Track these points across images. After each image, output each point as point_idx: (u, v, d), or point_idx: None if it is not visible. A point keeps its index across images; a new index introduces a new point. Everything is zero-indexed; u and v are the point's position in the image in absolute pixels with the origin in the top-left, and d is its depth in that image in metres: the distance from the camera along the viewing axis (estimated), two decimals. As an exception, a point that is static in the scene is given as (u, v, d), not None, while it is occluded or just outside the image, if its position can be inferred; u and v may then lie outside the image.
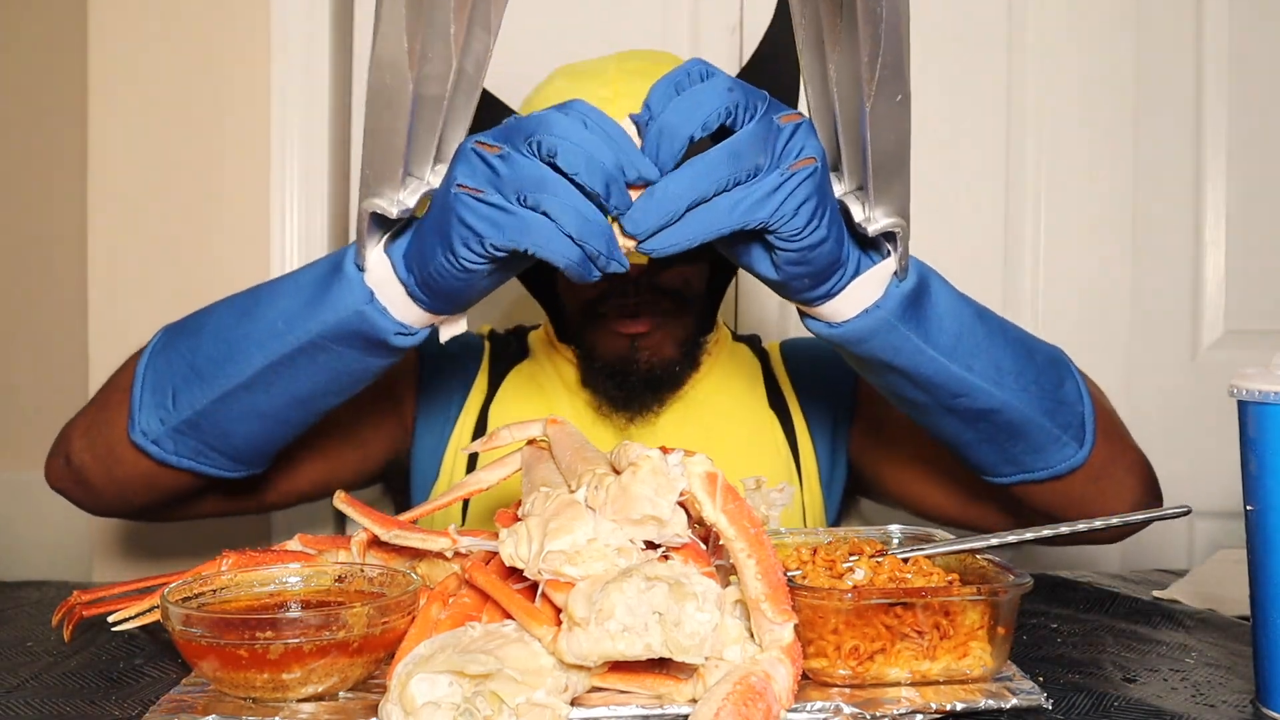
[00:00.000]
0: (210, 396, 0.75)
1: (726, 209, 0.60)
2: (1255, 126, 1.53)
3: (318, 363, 0.73)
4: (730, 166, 0.60)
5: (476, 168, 0.61)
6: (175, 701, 0.59)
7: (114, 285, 1.37)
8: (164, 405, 0.77)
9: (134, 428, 0.78)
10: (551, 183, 0.60)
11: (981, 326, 0.74)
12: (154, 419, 0.77)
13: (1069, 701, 0.61)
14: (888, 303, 0.68)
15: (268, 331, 0.73)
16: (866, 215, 0.65)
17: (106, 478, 0.83)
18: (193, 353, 0.77)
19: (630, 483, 0.56)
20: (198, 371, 0.76)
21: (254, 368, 0.73)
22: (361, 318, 0.69)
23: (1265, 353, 0.63)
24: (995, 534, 0.67)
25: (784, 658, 0.56)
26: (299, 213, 1.39)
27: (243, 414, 0.76)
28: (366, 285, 0.68)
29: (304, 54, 1.38)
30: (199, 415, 0.76)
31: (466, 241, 0.61)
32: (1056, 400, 0.78)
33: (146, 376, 0.78)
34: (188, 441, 0.78)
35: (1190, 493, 1.45)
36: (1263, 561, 0.60)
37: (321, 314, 0.70)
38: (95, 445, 0.82)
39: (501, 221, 0.60)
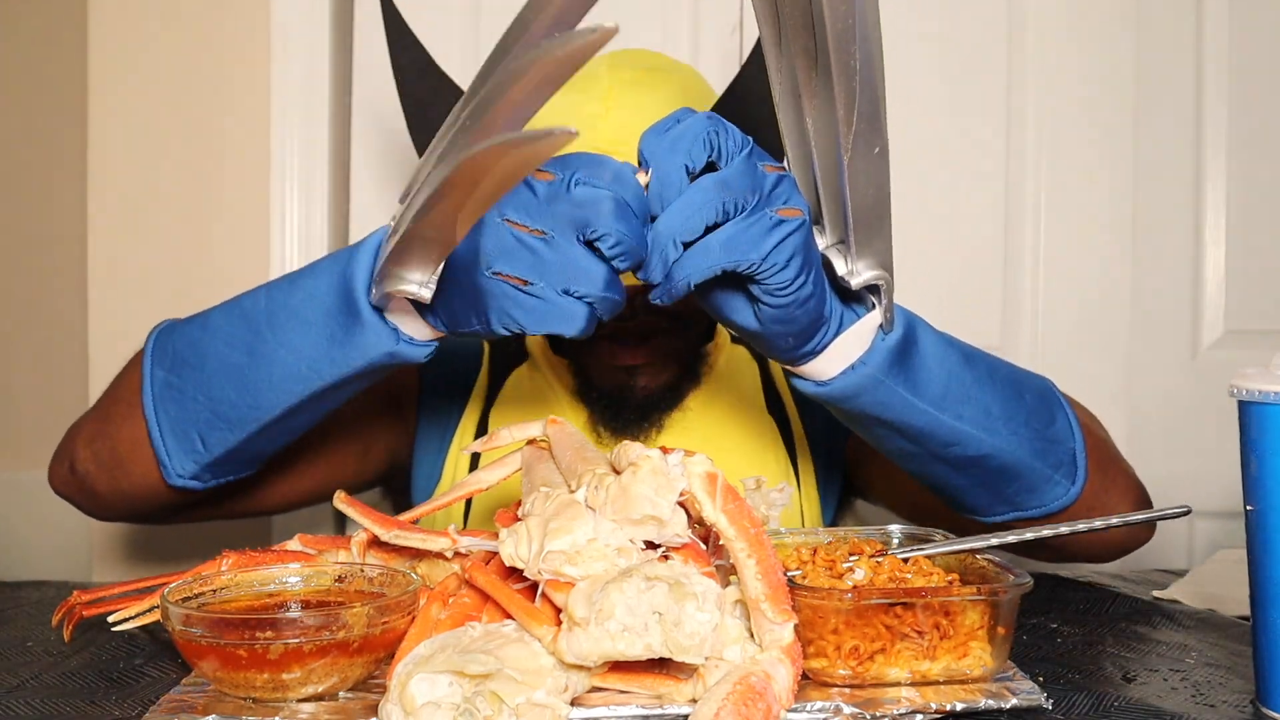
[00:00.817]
0: (241, 437, 0.75)
1: (719, 245, 0.60)
2: (1255, 126, 1.53)
3: (346, 391, 0.73)
4: (719, 194, 0.59)
5: (513, 250, 0.60)
6: (175, 701, 0.59)
7: (114, 285, 1.37)
8: (194, 449, 0.76)
9: (170, 475, 0.77)
10: (596, 275, 0.60)
11: (969, 372, 0.73)
12: (188, 462, 0.77)
13: (1069, 701, 0.61)
14: (874, 358, 0.67)
15: (289, 376, 0.71)
16: (849, 269, 0.64)
17: (111, 487, 0.82)
18: (207, 395, 0.75)
19: (630, 483, 0.56)
20: (220, 416, 0.75)
21: (279, 409, 0.73)
22: (393, 356, 0.68)
23: (1265, 353, 0.63)
24: (995, 534, 0.68)
25: (784, 658, 0.56)
26: (299, 213, 1.39)
27: (275, 435, 0.77)
28: (389, 324, 0.67)
29: (304, 54, 1.38)
30: (234, 450, 0.76)
31: (507, 326, 0.62)
32: (1047, 439, 0.77)
33: (161, 419, 0.76)
34: (222, 468, 0.78)
35: (1190, 493, 1.45)
36: (1263, 561, 0.60)
37: (350, 359, 0.69)
38: (100, 455, 0.82)
39: (543, 312, 0.61)
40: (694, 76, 0.97)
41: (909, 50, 1.47)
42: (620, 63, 0.94)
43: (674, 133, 0.61)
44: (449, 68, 0.99)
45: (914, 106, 1.46)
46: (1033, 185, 1.51)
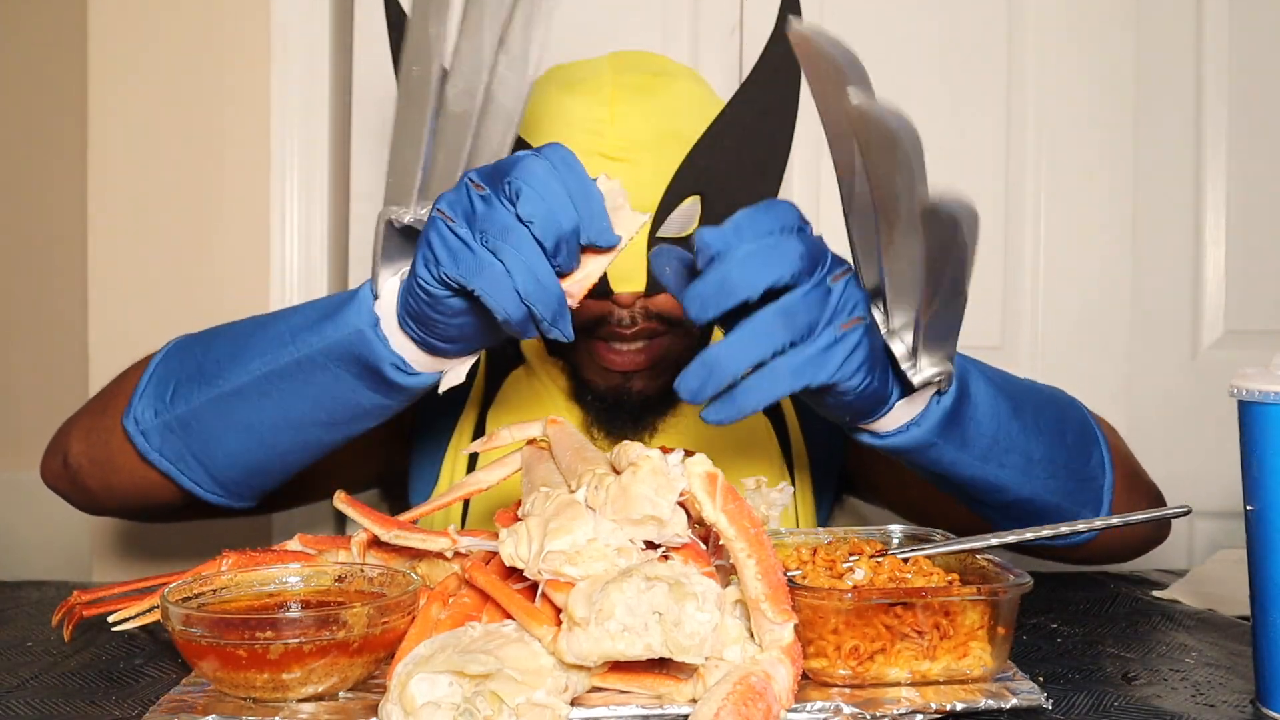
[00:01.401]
0: (205, 396, 0.74)
1: (788, 373, 0.60)
2: (1255, 126, 1.53)
3: (314, 382, 0.71)
4: (786, 329, 0.60)
5: (461, 200, 0.62)
6: (175, 701, 0.59)
7: (114, 285, 1.37)
8: (162, 398, 0.76)
9: (128, 414, 0.77)
10: (515, 234, 0.60)
11: (1016, 421, 0.74)
12: (149, 410, 0.77)
13: (1069, 701, 0.61)
14: (927, 421, 0.69)
15: (273, 340, 0.72)
16: (913, 364, 0.65)
17: (102, 482, 0.82)
18: (203, 354, 0.76)
19: (630, 483, 0.56)
20: (201, 370, 0.75)
21: (251, 374, 0.73)
22: (360, 338, 0.68)
23: (1265, 353, 0.63)
24: (995, 534, 0.68)
25: (784, 658, 0.56)
26: (299, 213, 1.39)
27: (232, 424, 0.75)
28: (374, 311, 0.68)
29: (304, 54, 1.38)
30: (191, 414, 0.75)
31: (427, 263, 0.62)
32: (1082, 479, 0.79)
33: (155, 372, 0.78)
34: (174, 442, 0.76)
35: (1190, 493, 1.45)
36: (1263, 561, 0.60)
37: (325, 330, 0.70)
38: (93, 449, 0.82)
39: (460, 255, 0.61)
40: (697, 82, 0.97)
41: (909, 50, 1.47)
42: (624, 66, 0.93)
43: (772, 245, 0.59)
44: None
45: (914, 107, 1.45)
46: (1033, 185, 1.51)
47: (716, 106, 0.94)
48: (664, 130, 0.89)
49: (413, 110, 0.63)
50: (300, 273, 1.39)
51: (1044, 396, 0.80)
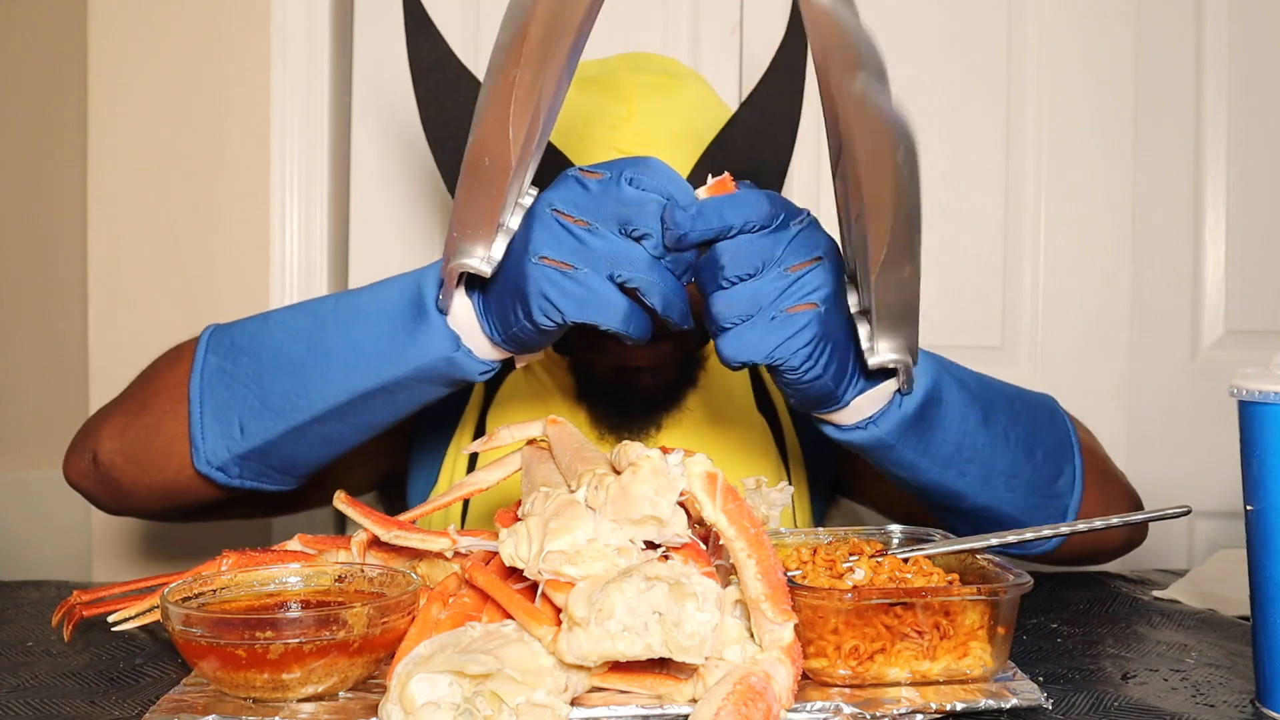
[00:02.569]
0: (282, 429, 0.75)
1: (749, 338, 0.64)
2: (1255, 126, 1.53)
3: (397, 399, 0.73)
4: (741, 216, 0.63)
5: (560, 237, 0.64)
6: (175, 701, 0.59)
7: (114, 285, 1.37)
8: (230, 435, 0.76)
9: (199, 458, 0.76)
10: (638, 257, 0.63)
11: (985, 433, 0.75)
12: (220, 448, 0.76)
13: (1069, 701, 0.61)
14: (886, 421, 0.70)
15: (345, 368, 0.72)
16: (871, 346, 0.66)
17: (137, 481, 0.81)
18: (259, 383, 0.75)
19: (630, 483, 0.56)
20: (268, 404, 0.75)
21: (330, 403, 0.73)
22: (450, 363, 0.70)
23: (1265, 353, 0.63)
24: (995, 534, 0.68)
25: (784, 658, 0.56)
26: (299, 213, 1.39)
27: (314, 442, 0.76)
28: (452, 329, 0.70)
29: (304, 54, 1.38)
30: (270, 445, 0.76)
31: (547, 313, 0.64)
32: (1046, 495, 0.80)
33: (205, 401, 0.76)
34: (254, 466, 0.77)
35: (1190, 493, 1.45)
36: (1263, 561, 0.60)
37: (408, 358, 0.71)
38: (132, 449, 0.80)
39: (584, 300, 0.63)
40: (705, 85, 0.99)
41: (909, 51, 1.47)
42: (638, 66, 0.95)
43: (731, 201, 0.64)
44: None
45: (913, 107, 1.46)
46: (1033, 185, 1.51)
47: (722, 107, 0.96)
48: (679, 129, 0.90)
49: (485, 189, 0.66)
50: (300, 273, 1.39)
51: (1022, 406, 0.80)
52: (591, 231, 0.63)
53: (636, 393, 0.97)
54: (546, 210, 0.64)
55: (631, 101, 0.90)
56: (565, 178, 0.66)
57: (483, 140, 0.64)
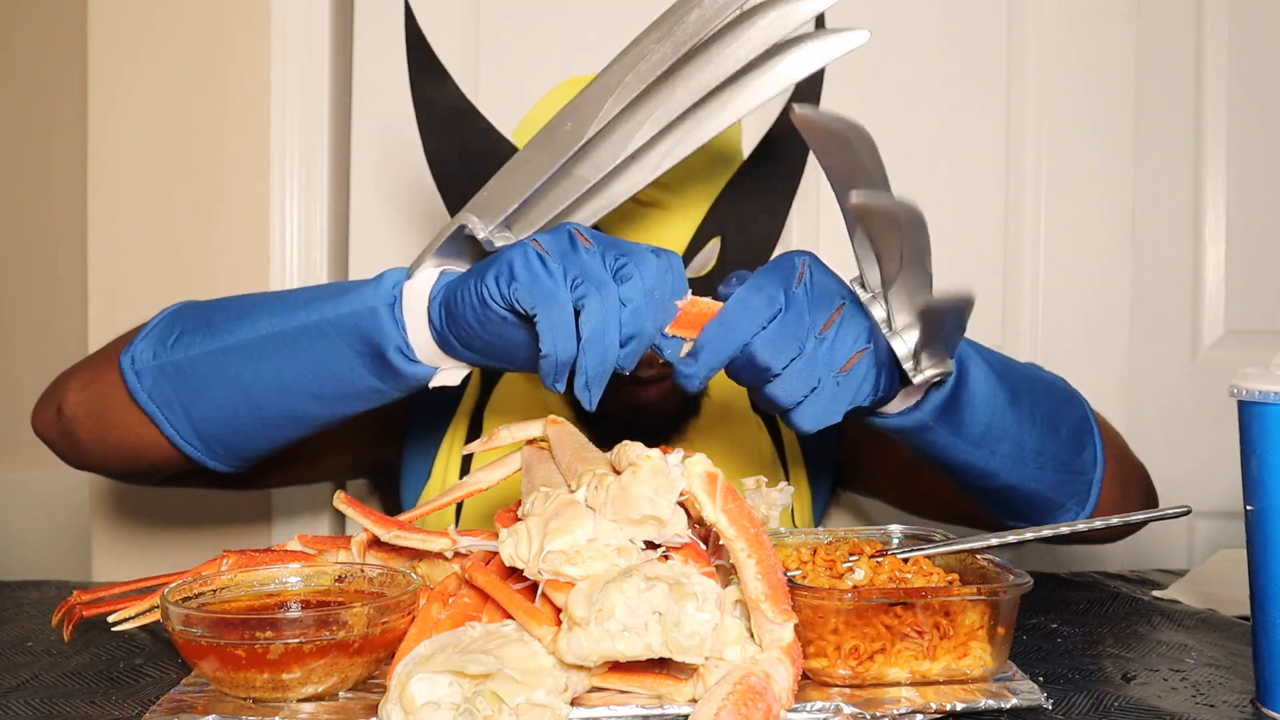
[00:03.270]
0: (206, 347, 0.75)
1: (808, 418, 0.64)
2: (1255, 126, 1.53)
3: (314, 350, 0.72)
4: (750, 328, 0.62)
5: (561, 243, 0.63)
6: (175, 701, 0.59)
7: (114, 285, 1.37)
8: (163, 342, 0.77)
9: (126, 353, 0.78)
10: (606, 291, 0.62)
11: (1012, 411, 0.75)
12: (148, 351, 0.77)
13: (1069, 701, 0.61)
14: (926, 406, 0.70)
15: (285, 304, 0.74)
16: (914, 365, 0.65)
17: (95, 435, 0.82)
18: (214, 311, 0.78)
19: (630, 483, 0.56)
20: (209, 324, 0.76)
21: (257, 332, 0.73)
22: (372, 315, 0.69)
23: (1265, 353, 0.63)
24: (995, 534, 0.68)
25: (784, 658, 0.56)
26: (299, 213, 1.39)
27: (225, 378, 0.75)
28: (392, 290, 0.69)
29: (304, 54, 1.38)
30: (187, 362, 0.76)
31: (499, 278, 0.63)
32: (1071, 471, 0.80)
33: (163, 320, 0.79)
34: (165, 387, 0.77)
35: (1190, 493, 1.44)
36: (1263, 561, 0.60)
37: (340, 303, 0.71)
38: (90, 400, 0.81)
39: (541, 283, 0.62)
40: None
41: (909, 51, 1.47)
42: None
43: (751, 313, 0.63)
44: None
45: (913, 107, 1.46)
46: (1033, 185, 1.51)
47: (728, 142, 0.98)
48: (688, 179, 0.92)
49: (544, 154, 0.68)
50: (300, 272, 1.39)
51: (1043, 387, 0.80)
52: (589, 250, 0.63)
53: (642, 421, 0.97)
54: (566, 227, 0.65)
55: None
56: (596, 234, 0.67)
57: (580, 104, 0.66)
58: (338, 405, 0.75)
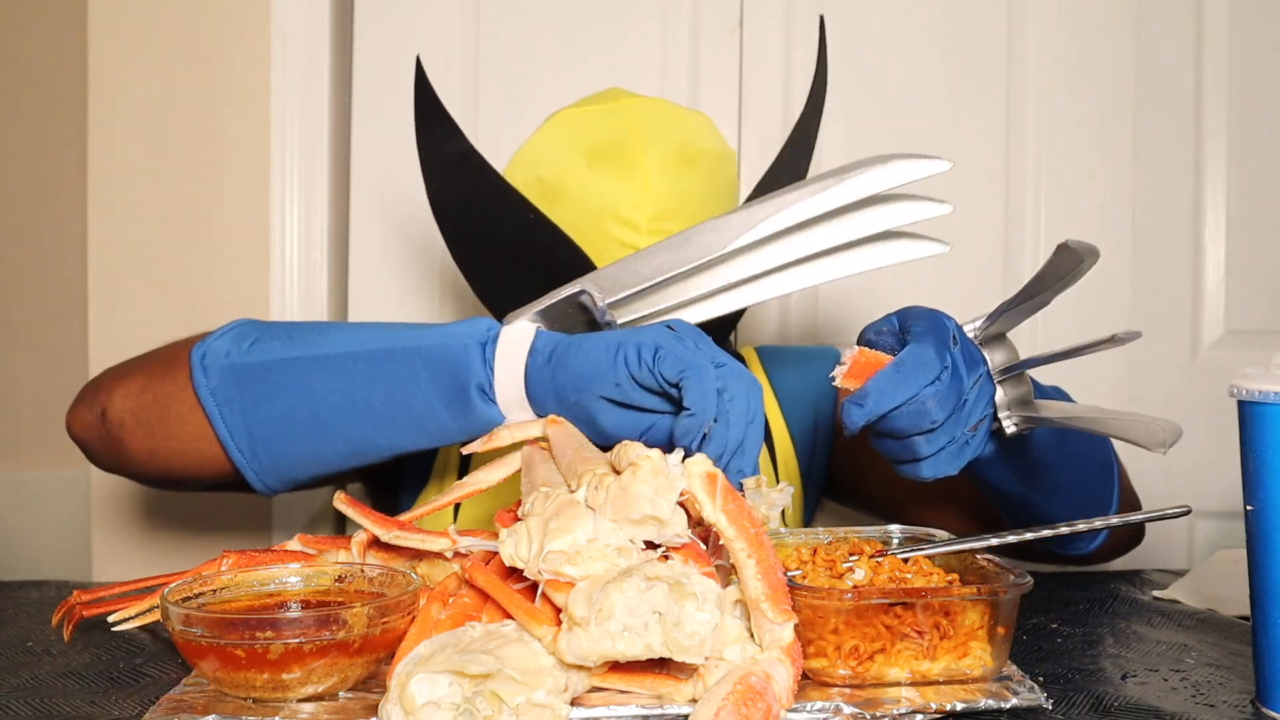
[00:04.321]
0: (285, 355, 0.75)
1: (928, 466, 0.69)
2: (1255, 126, 1.53)
3: (394, 373, 0.73)
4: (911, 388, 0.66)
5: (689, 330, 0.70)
6: (175, 701, 0.59)
7: (114, 285, 1.37)
8: (240, 345, 0.77)
9: (199, 347, 0.77)
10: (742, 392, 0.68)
11: (1058, 450, 0.78)
12: (222, 349, 0.77)
13: (1069, 701, 0.61)
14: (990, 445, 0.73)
15: (374, 332, 0.75)
16: (1009, 414, 0.70)
17: (145, 444, 0.80)
18: (294, 325, 0.78)
19: (630, 483, 0.56)
20: (290, 335, 0.77)
21: (338, 349, 0.74)
22: (464, 351, 0.71)
23: (1265, 353, 0.63)
24: (995, 534, 0.68)
25: (784, 658, 0.56)
26: (299, 213, 1.39)
27: (295, 389, 0.74)
28: (488, 333, 0.72)
29: (304, 54, 1.38)
30: (262, 365, 0.75)
31: (643, 346, 0.67)
32: (1094, 504, 0.84)
33: (239, 325, 0.79)
34: (229, 388, 0.76)
35: (1190, 493, 1.45)
36: (1263, 561, 0.60)
37: (429, 334, 0.73)
38: (147, 411, 0.79)
39: (687, 355, 0.66)
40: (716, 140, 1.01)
41: (909, 51, 1.47)
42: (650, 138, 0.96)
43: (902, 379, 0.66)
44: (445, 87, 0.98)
45: (914, 106, 1.46)
46: (1033, 185, 1.51)
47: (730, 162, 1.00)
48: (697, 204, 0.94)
49: (678, 253, 0.77)
50: (300, 273, 1.39)
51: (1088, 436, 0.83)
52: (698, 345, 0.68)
53: None
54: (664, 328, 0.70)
55: (648, 184, 0.92)
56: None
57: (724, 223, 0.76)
58: (399, 435, 0.75)
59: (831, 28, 1.48)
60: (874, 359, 0.69)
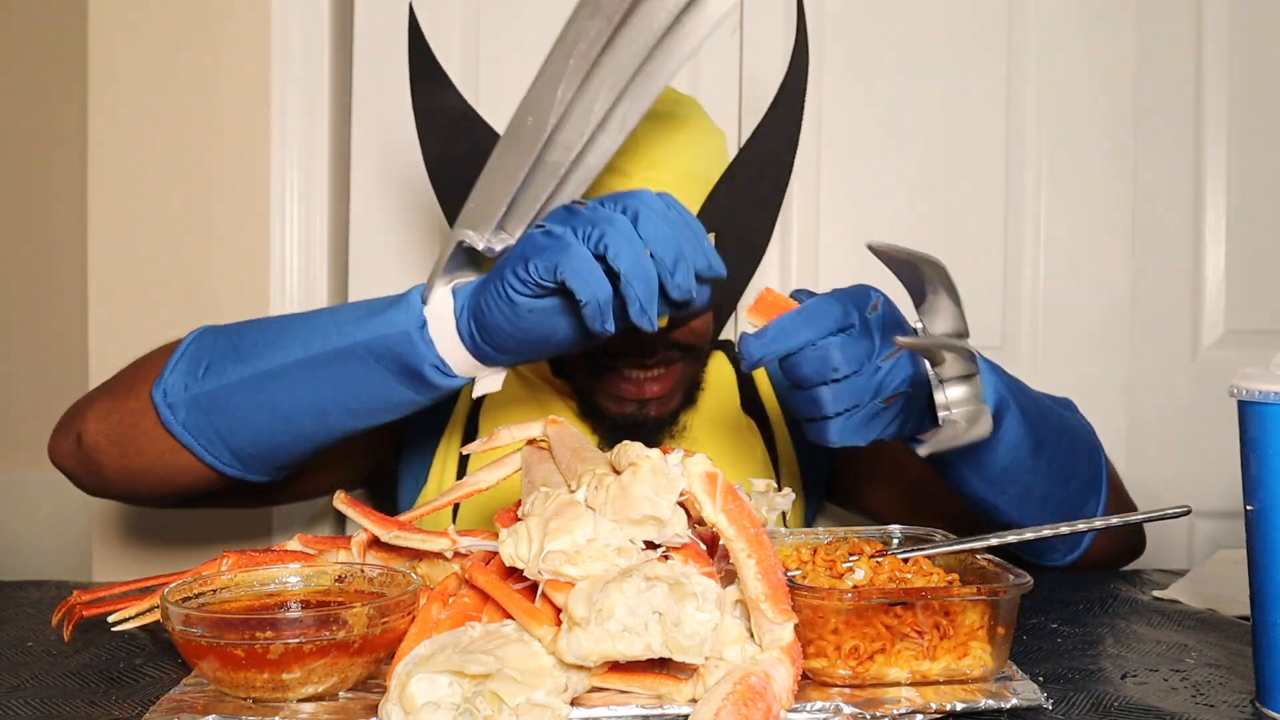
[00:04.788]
0: (240, 375, 0.76)
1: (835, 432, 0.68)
2: (1255, 126, 1.53)
3: (351, 374, 0.73)
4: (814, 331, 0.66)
5: (558, 214, 0.66)
6: (175, 701, 0.59)
7: (114, 285, 1.37)
8: (194, 373, 0.78)
9: (158, 386, 0.78)
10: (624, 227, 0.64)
11: (1032, 462, 0.78)
12: (179, 383, 0.78)
13: (1069, 701, 0.61)
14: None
15: (315, 330, 0.75)
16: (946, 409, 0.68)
17: (119, 463, 0.82)
18: (239, 336, 0.78)
19: (630, 483, 0.56)
20: (238, 350, 0.77)
21: (290, 358, 0.74)
22: (405, 339, 0.71)
23: (1265, 353, 0.63)
24: (995, 534, 0.68)
25: (784, 658, 0.56)
26: (299, 214, 1.39)
27: (262, 405, 0.76)
28: (422, 314, 0.71)
29: (304, 54, 1.38)
30: (221, 391, 0.76)
31: (515, 268, 0.65)
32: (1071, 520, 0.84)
33: (189, 349, 0.79)
34: (200, 418, 0.77)
35: (1190, 493, 1.45)
36: (1263, 561, 0.60)
37: (371, 326, 0.72)
38: (114, 429, 0.81)
39: (547, 246, 0.64)
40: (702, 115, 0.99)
41: (909, 50, 1.47)
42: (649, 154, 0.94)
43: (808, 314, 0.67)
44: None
45: (914, 107, 1.46)
46: (1033, 185, 1.51)
47: (718, 137, 0.98)
48: (683, 169, 0.92)
49: (514, 153, 0.70)
50: (300, 273, 1.39)
51: (1068, 438, 0.83)
52: (589, 206, 0.65)
53: (646, 422, 0.97)
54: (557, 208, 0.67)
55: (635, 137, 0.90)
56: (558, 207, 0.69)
57: (532, 98, 0.68)
58: (373, 417, 0.77)
59: (833, 27, 1.48)
60: (783, 301, 0.69)
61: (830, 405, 0.67)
